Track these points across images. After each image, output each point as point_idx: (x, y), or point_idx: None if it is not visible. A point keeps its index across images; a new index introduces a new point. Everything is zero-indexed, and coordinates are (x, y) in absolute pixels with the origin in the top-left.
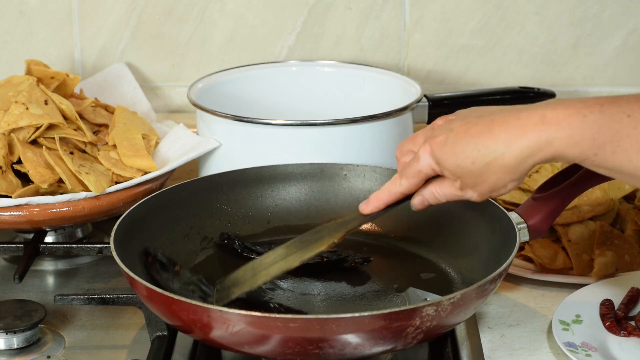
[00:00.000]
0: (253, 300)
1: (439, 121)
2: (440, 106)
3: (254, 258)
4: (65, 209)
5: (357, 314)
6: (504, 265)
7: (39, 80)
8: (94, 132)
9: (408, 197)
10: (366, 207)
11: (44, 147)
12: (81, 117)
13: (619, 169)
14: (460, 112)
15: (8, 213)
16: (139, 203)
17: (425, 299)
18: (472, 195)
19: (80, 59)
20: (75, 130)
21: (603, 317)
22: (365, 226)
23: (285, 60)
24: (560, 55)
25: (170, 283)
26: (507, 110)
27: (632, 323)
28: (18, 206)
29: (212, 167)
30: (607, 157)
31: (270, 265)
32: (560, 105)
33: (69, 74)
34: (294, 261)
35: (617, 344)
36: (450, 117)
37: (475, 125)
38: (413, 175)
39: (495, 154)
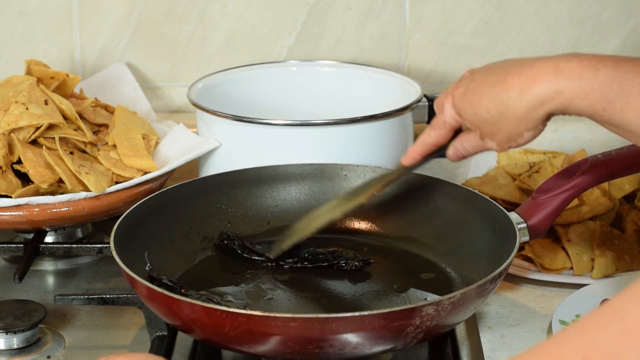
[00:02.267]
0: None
1: (466, 73)
2: None
3: (253, 259)
4: (65, 209)
5: (357, 314)
6: (504, 265)
7: (39, 80)
8: (94, 132)
9: (442, 148)
10: (405, 159)
11: (44, 147)
12: (81, 117)
13: (627, 127)
14: (487, 65)
15: (8, 213)
16: (139, 203)
17: (425, 299)
18: (492, 144)
19: (80, 59)
20: (75, 130)
21: None
22: (365, 226)
23: (285, 60)
24: None
25: None
26: (525, 61)
27: None
28: (18, 206)
29: (212, 167)
30: (616, 112)
31: (320, 215)
32: (575, 57)
33: (69, 74)
34: (337, 213)
35: None
36: (475, 69)
37: (491, 75)
38: (439, 126)
39: (508, 102)
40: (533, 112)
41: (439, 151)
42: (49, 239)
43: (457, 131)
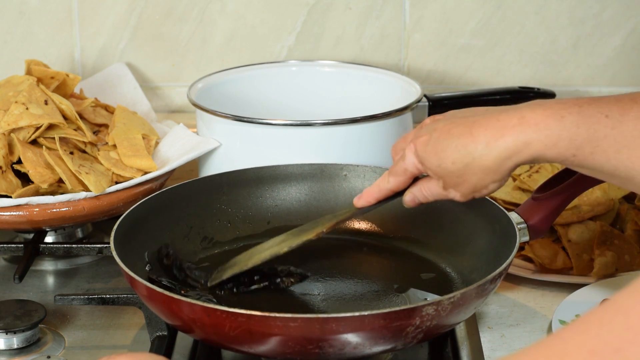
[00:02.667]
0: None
1: (427, 120)
2: (440, 106)
3: (188, 282)
4: (65, 209)
5: (357, 314)
6: (504, 265)
7: (39, 80)
8: (94, 132)
9: (399, 193)
10: (358, 201)
11: (44, 147)
12: (81, 117)
13: (599, 169)
14: (449, 113)
15: (8, 213)
16: (139, 203)
17: (425, 299)
18: (455, 195)
19: (80, 59)
20: (75, 130)
21: None
22: (365, 226)
23: (285, 60)
24: (560, 55)
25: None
26: (490, 112)
27: None
28: (18, 206)
29: (212, 167)
30: (586, 157)
31: (265, 249)
32: (539, 106)
33: (69, 74)
34: (283, 247)
35: None
36: (437, 116)
37: (457, 126)
38: (400, 173)
39: (474, 154)
40: (501, 165)
41: (395, 196)
42: (49, 239)
43: (416, 178)
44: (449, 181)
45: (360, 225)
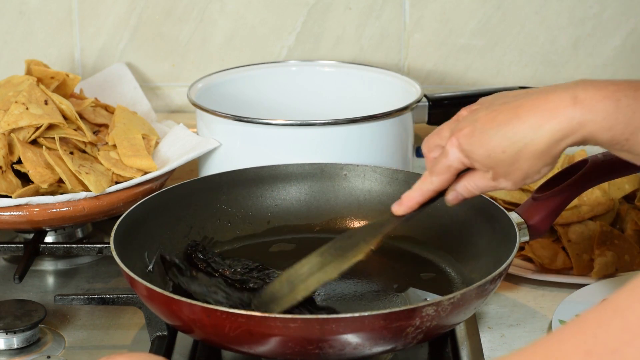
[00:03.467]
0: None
1: (464, 112)
2: (440, 106)
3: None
4: (65, 209)
5: (357, 314)
6: (504, 265)
7: (39, 80)
8: (94, 132)
9: (441, 193)
10: (399, 208)
11: (44, 147)
12: (81, 117)
13: None
14: (484, 100)
15: (8, 213)
16: (139, 203)
17: (425, 299)
18: (506, 184)
19: (80, 59)
20: (75, 130)
21: None
22: None
23: (285, 60)
24: (560, 55)
25: (190, 286)
26: (533, 93)
27: None
28: (18, 206)
29: (212, 167)
30: (638, 142)
31: (307, 277)
32: (591, 85)
33: (69, 74)
34: (332, 272)
35: None
36: (473, 106)
37: (501, 112)
38: (443, 171)
39: (525, 140)
40: (554, 147)
41: (437, 197)
42: (49, 239)
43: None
44: (499, 171)
45: (361, 225)
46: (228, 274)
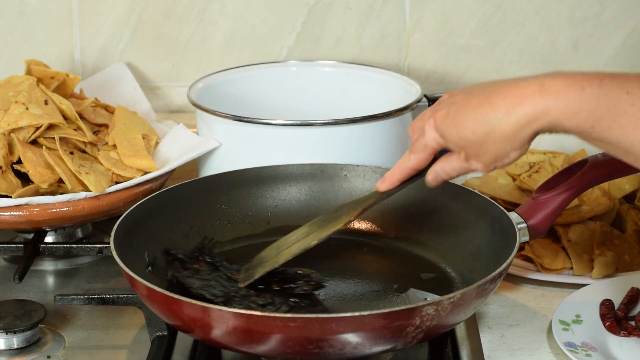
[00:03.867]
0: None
1: (445, 96)
2: None
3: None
4: (65, 209)
5: (357, 314)
6: (504, 265)
7: (39, 80)
8: (94, 132)
9: (421, 173)
10: (382, 185)
11: (44, 147)
12: (81, 117)
13: (615, 144)
14: (465, 87)
15: (8, 213)
16: (139, 203)
17: (425, 299)
18: (477, 165)
19: (80, 59)
20: (75, 130)
21: (603, 317)
22: (365, 226)
23: (285, 60)
24: (560, 55)
25: (189, 280)
26: (507, 81)
27: (632, 323)
28: (18, 206)
29: (212, 167)
30: (604, 130)
31: (292, 244)
32: (560, 75)
33: (69, 74)
34: (312, 240)
35: (617, 344)
36: (454, 91)
37: (475, 97)
38: (420, 149)
39: (493, 123)
40: (520, 132)
41: (417, 176)
42: (49, 239)
43: (435, 157)
44: (470, 152)
45: (360, 225)
46: (236, 278)
